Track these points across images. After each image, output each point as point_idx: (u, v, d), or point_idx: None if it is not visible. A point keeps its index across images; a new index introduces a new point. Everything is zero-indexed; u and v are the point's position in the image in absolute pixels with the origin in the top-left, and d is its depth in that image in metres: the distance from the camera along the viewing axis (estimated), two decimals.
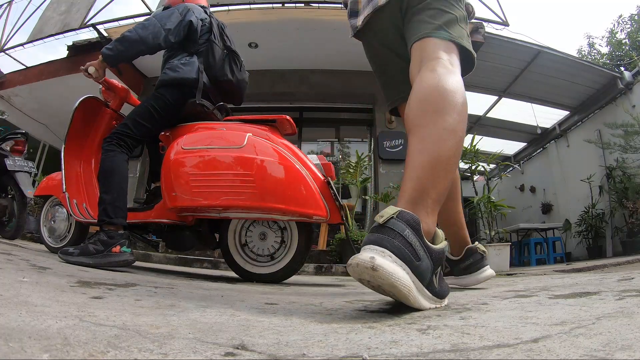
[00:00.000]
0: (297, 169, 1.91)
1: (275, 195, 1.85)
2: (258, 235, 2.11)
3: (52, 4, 6.52)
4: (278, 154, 1.93)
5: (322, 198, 1.90)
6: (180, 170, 1.93)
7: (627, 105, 6.13)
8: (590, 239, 6.55)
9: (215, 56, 2.19)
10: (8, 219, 3.39)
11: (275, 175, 1.88)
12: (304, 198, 1.87)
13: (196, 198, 1.89)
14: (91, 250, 1.73)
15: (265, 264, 2.11)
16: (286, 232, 2.11)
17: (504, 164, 7.50)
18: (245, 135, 1.95)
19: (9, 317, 0.63)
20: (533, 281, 1.97)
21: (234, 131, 2.03)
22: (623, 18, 13.19)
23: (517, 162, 9.89)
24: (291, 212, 1.88)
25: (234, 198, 1.86)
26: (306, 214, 1.89)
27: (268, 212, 1.91)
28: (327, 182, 1.96)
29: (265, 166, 1.88)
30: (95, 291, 1.04)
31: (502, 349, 0.57)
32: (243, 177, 1.86)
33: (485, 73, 6.58)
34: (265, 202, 1.85)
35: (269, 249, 2.10)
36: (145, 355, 0.53)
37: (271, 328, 0.74)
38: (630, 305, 0.87)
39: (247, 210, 1.92)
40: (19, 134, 3.56)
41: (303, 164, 1.96)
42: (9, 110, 6.87)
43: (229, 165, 1.90)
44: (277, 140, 2.03)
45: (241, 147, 1.90)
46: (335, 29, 5.60)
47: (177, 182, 1.92)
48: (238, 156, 1.89)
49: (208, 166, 1.92)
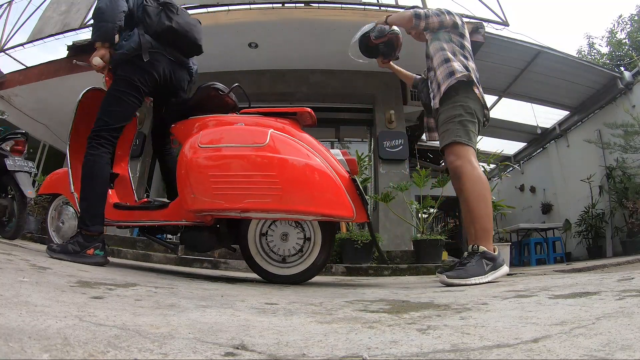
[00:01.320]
0: (322, 167, 1.81)
1: (301, 197, 1.75)
2: (280, 236, 2.02)
3: (52, 4, 6.52)
4: (301, 151, 1.83)
5: (348, 197, 1.82)
6: (199, 171, 1.81)
7: (627, 105, 6.13)
8: (590, 239, 6.55)
9: (151, 15, 2.12)
10: (8, 219, 3.39)
11: (300, 176, 1.78)
12: (330, 199, 1.79)
13: (217, 200, 1.78)
14: (69, 249, 1.88)
15: (288, 265, 2.03)
16: (309, 232, 2.02)
17: (504, 164, 7.47)
18: (267, 132, 1.83)
19: (9, 317, 0.63)
20: (533, 281, 1.96)
21: (255, 127, 1.92)
22: (623, 18, 13.20)
23: (517, 162, 9.89)
24: (316, 213, 1.80)
25: (257, 201, 1.76)
26: (331, 215, 1.81)
27: (293, 214, 1.83)
28: (353, 179, 1.88)
29: (290, 166, 1.77)
30: (95, 291, 1.04)
31: (502, 349, 0.57)
32: (267, 178, 1.75)
33: (485, 73, 6.57)
34: (290, 205, 1.75)
35: (291, 249, 2.02)
36: (145, 355, 0.53)
37: (271, 328, 0.74)
38: (630, 305, 0.87)
39: (271, 212, 1.84)
40: (19, 134, 3.56)
41: (327, 160, 1.87)
42: (9, 110, 6.87)
43: (251, 166, 1.78)
44: (298, 135, 1.94)
45: (263, 146, 1.79)
46: (335, 29, 5.60)
47: (196, 183, 1.81)
48: (261, 155, 1.78)
49: (229, 166, 1.81)
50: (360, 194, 1.88)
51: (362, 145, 7.10)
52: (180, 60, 2.27)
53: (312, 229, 2.03)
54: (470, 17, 5.61)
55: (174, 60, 2.22)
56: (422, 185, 4.57)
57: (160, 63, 2.13)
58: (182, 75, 2.31)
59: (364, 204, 1.89)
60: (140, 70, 2.07)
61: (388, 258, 4.45)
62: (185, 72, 2.33)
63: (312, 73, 6.58)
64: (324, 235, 2.00)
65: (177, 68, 2.25)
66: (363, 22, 2.63)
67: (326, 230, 2.01)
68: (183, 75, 2.32)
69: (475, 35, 5.57)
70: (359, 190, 1.88)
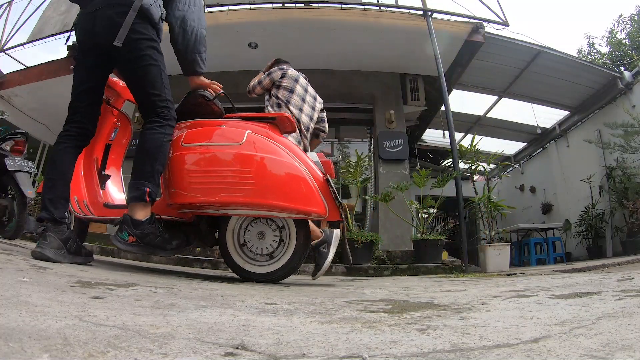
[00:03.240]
0: (296, 166, 1.91)
1: (274, 192, 1.86)
2: (256, 234, 2.08)
3: (52, 4, 6.51)
4: (277, 151, 1.93)
5: (321, 196, 1.91)
6: (180, 167, 1.92)
7: (627, 105, 6.13)
8: (590, 239, 6.55)
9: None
10: (8, 219, 3.38)
11: (274, 173, 1.89)
12: (302, 195, 1.88)
13: (195, 195, 1.88)
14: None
15: (264, 263, 2.07)
16: (284, 231, 2.08)
17: (504, 164, 7.48)
18: (244, 132, 1.95)
19: (9, 317, 0.63)
20: (533, 281, 1.97)
21: (234, 128, 2.02)
22: (623, 18, 13.19)
23: (517, 162, 9.89)
24: (290, 209, 1.89)
25: (232, 195, 1.86)
26: (304, 211, 1.89)
27: (267, 209, 1.90)
28: (327, 179, 1.96)
29: (264, 163, 1.89)
30: (95, 291, 1.04)
31: (502, 349, 0.57)
32: (242, 173, 1.86)
33: (485, 73, 6.58)
34: (263, 199, 1.85)
35: (267, 248, 2.07)
36: (145, 355, 0.53)
37: (271, 328, 0.74)
38: (630, 305, 0.87)
39: (246, 207, 1.91)
40: (19, 134, 3.56)
41: (302, 161, 1.96)
42: (9, 110, 6.87)
43: (227, 162, 1.90)
44: (276, 138, 2.02)
45: (240, 144, 1.91)
46: (335, 29, 5.60)
47: (176, 179, 1.91)
48: (237, 153, 1.90)
49: (207, 163, 1.92)
50: (333, 193, 1.96)
51: (362, 145, 7.09)
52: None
53: (287, 228, 2.08)
54: (470, 17, 5.61)
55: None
56: (422, 185, 4.57)
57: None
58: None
59: (337, 203, 1.97)
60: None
61: (388, 258, 4.46)
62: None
63: (312, 73, 6.55)
64: (299, 234, 2.06)
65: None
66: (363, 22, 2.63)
67: (301, 229, 2.06)
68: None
69: (475, 35, 5.57)
70: (332, 191, 1.96)
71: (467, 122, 8.27)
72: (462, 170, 5.52)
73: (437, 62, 5.06)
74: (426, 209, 4.98)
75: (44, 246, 1.63)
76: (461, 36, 5.60)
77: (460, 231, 4.58)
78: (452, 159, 4.83)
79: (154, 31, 1.87)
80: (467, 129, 8.51)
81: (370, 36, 5.70)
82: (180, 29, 1.96)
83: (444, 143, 8.67)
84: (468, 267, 4.10)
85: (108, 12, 1.77)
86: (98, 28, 1.79)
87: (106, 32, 1.76)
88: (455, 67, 6.20)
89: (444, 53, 5.43)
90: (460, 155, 4.98)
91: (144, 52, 1.80)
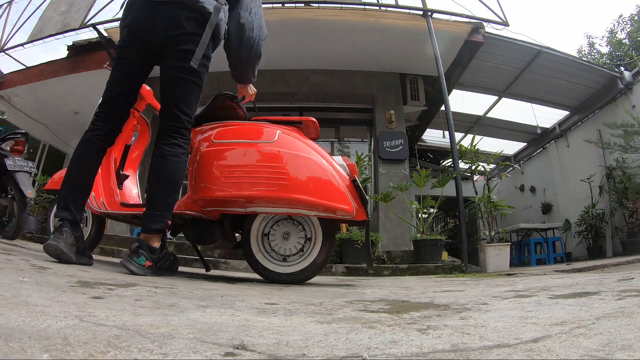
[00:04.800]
0: (326, 165, 1.98)
1: (306, 189, 1.90)
2: (281, 235, 2.12)
3: (52, 4, 6.51)
4: (307, 150, 2.00)
5: (349, 194, 1.97)
6: (211, 162, 1.96)
7: (627, 105, 6.13)
8: (590, 239, 6.55)
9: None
10: (8, 219, 3.39)
11: (306, 170, 1.94)
12: (332, 193, 1.93)
13: (227, 189, 1.91)
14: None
15: (289, 264, 2.10)
16: (309, 231, 2.12)
17: (504, 164, 7.49)
18: (276, 132, 2.01)
19: (9, 317, 0.63)
20: (533, 281, 1.97)
21: (265, 127, 2.08)
22: (623, 18, 13.20)
23: (517, 162, 9.89)
24: (320, 206, 1.92)
25: (264, 189, 1.90)
26: (334, 208, 1.93)
27: (297, 204, 1.92)
28: (353, 180, 2.01)
29: (296, 161, 1.94)
30: (95, 291, 1.04)
31: (502, 349, 0.57)
32: (275, 169, 1.91)
33: (485, 73, 6.58)
34: (295, 194, 1.88)
35: (292, 248, 2.10)
36: (145, 355, 0.53)
37: (271, 328, 0.74)
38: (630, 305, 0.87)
39: (276, 202, 1.94)
40: (19, 134, 3.56)
41: (329, 163, 2.02)
42: (9, 110, 6.87)
43: (260, 158, 1.94)
44: (303, 139, 2.09)
45: (272, 142, 1.97)
46: (335, 29, 5.59)
47: (207, 173, 1.94)
48: (270, 150, 1.95)
49: (239, 158, 1.96)
50: (360, 193, 2.01)
51: (362, 145, 7.10)
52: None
53: (313, 229, 2.12)
54: (470, 17, 5.61)
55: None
56: (422, 185, 4.57)
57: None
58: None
59: (364, 203, 2.01)
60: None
61: (388, 258, 4.46)
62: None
63: (312, 73, 6.58)
64: (325, 235, 2.09)
65: None
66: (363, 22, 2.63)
67: (326, 230, 2.10)
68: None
69: (475, 35, 5.57)
70: (359, 190, 2.00)
71: (467, 122, 8.27)
72: (462, 170, 5.52)
73: (437, 62, 5.06)
74: (426, 209, 4.98)
75: (59, 240, 1.60)
76: (461, 36, 5.60)
77: (460, 231, 4.58)
78: (452, 159, 4.83)
79: (212, 48, 1.81)
80: (467, 129, 8.51)
81: (370, 36, 5.70)
82: (238, 39, 1.90)
83: (444, 143, 8.67)
84: (468, 267, 4.10)
85: (176, 11, 1.67)
86: (159, 22, 1.67)
87: (166, 29, 1.66)
88: (455, 67, 6.20)
89: (444, 53, 5.43)
90: (460, 155, 4.98)
91: (196, 71, 1.72)
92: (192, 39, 1.69)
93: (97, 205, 2.29)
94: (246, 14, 1.89)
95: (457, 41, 5.67)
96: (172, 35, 1.68)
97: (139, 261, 1.69)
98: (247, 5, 1.90)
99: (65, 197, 1.70)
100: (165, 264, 1.77)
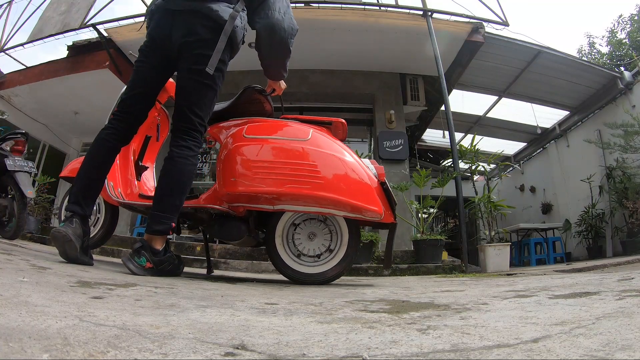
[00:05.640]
0: (358, 166, 2.00)
1: (338, 188, 1.91)
2: (307, 235, 2.12)
3: (52, 4, 6.51)
4: (340, 150, 2.02)
5: (378, 197, 1.99)
6: (243, 157, 1.95)
7: (627, 105, 6.13)
8: (590, 239, 6.55)
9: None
10: (8, 219, 3.39)
11: (338, 170, 1.95)
12: (364, 193, 1.94)
13: (259, 185, 1.90)
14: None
15: (314, 264, 2.10)
16: (336, 232, 2.12)
17: (504, 164, 7.49)
18: (309, 130, 2.02)
19: (9, 317, 0.63)
20: (533, 281, 1.97)
21: (297, 125, 2.08)
22: (623, 18, 13.21)
23: (517, 162, 9.89)
24: (350, 205, 1.92)
25: (297, 186, 1.89)
26: (364, 208, 1.93)
27: (329, 203, 1.92)
28: (382, 183, 2.03)
29: (329, 160, 1.95)
30: (95, 291, 1.04)
31: (502, 349, 0.57)
32: (308, 167, 1.91)
33: (485, 73, 6.58)
34: (328, 193, 1.89)
35: (318, 248, 2.10)
36: (145, 355, 0.53)
37: (271, 328, 0.74)
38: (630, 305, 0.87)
39: (308, 200, 1.93)
40: (19, 134, 3.56)
41: (360, 165, 2.03)
42: (9, 110, 6.86)
43: (294, 155, 1.94)
44: (335, 140, 2.10)
45: (306, 140, 1.97)
46: (335, 29, 5.59)
47: (239, 168, 1.94)
48: (304, 148, 1.95)
49: (273, 154, 1.95)
50: (389, 196, 2.04)
51: (362, 145, 7.09)
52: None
53: (339, 229, 2.13)
54: (470, 17, 5.60)
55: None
56: (422, 185, 4.57)
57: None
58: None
59: (392, 206, 2.05)
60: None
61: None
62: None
63: (312, 73, 6.58)
64: (351, 236, 2.11)
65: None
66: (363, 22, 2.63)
67: (352, 231, 2.11)
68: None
69: (475, 35, 5.57)
70: (388, 193, 2.04)
71: (467, 122, 8.27)
72: (462, 170, 5.52)
73: (437, 62, 5.06)
74: (426, 209, 4.98)
75: (68, 228, 1.62)
76: (461, 36, 5.60)
77: (460, 231, 4.58)
78: (452, 159, 4.83)
79: (229, 53, 1.83)
80: (467, 129, 8.52)
81: (370, 36, 5.70)
82: (269, 40, 1.90)
83: (444, 143, 8.67)
84: (468, 267, 4.10)
85: (192, 19, 1.72)
86: (176, 30, 1.73)
87: (182, 35, 1.72)
88: (455, 67, 6.20)
89: (444, 53, 5.42)
90: (460, 155, 4.98)
91: (211, 75, 1.75)
92: (207, 44, 1.73)
93: (114, 195, 2.26)
94: (275, 14, 1.88)
95: (457, 41, 5.67)
96: (187, 42, 1.73)
97: (139, 261, 1.68)
98: (274, 5, 1.90)
99: (77, 192, 1.75)
100: (168, 267, 1.76)
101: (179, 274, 1.89)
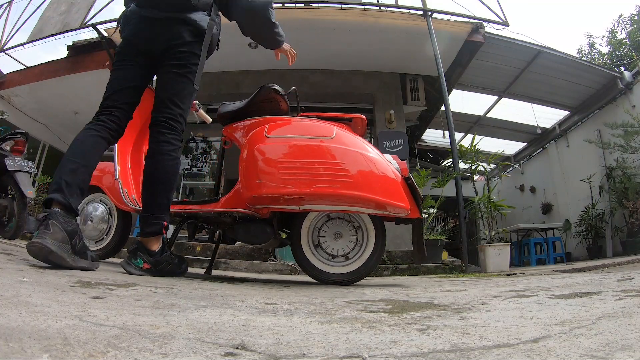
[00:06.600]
0: (383, 163, 1.97)
1: (366, 185, 1.88)
2: (333, 235, 2.08)
3: (52, 4, 6.51)
4: (365, 147, 1.99)
5: (404, 192, 1.98)
6: (267, 158, 1.91)
7: (627, 105, 6.13)
8: (590, 239, 6.55)
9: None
10: (8, 219, 3.39)
11: (365, 167, 1.92)
12: (392, 190, 1.92)
13: (286, 186, 1.86)
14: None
15: (341, 264, 2.07)
16: (361, 231, 2.09)
17: (504, 164, 7.50)
18: (333, 128, 1.99)
19: (9, 317, 0.63)
20: (533, 281, 1.97)
21: (319, 123, 2.05)
22: (623, 18, 13.20)
23: (517, 162, 9.89)
24: (378, 202, 1.90)
25: (327, 186, 1.86)
26: (392, 205, 1.91)
27: (358, 201, 1.90)
28: (406, 178, 2.01)
29: (356, 157, 1.92)
30: (95, 291, 1.04)
31: (502, 349, 0.57)
32: (336, 166, 1.88)
33: (485, 73, 6.58)
34: (358, 191, 1.86)
35: (344, 248, 2.07)
36: (145, 355, 0.53)
37: (271, 328, 0.74)
38: (630, 305, 0.87)
39: (338, 199, 1.90)
40: (19, 134, 3.56)
41: (384, 161, 2.01)
42: (9, 110, 6.87)
43: (322, 154, 1.91)
44: (357, 137, 2.07)
45: (331, 138, 1.94)
46: (335, 29, 5.59)
47: (264, 170, 1.89)
48: (330, 146, 1.92)
49: (298, 154, 1.91)
50: (413, 191, 2.02)
51: None
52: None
53: (365, 227, 2.10)
54: (470, 17, 5.61)
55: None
56: (422, 185, 4.57)
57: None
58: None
59: (417, 201, 2.03)
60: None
61: (388, 259, 4.46)
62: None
63: (312, 73, 6.58)
64: (377, 234, 2.08)
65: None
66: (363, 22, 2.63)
67: (379, 228, 2.09)
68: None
69: (475, 35, 5.57)
70: (413, 188, 2.02)
71: (467, 122, 8.27)
72: (462, 170, 5.51)
73: (437, 62, 5.06)
74: (426, 209, 4.98)
75: (44, 236, 1.31)
76: (461, 36, 5.60)
77: (460, 231, 4.58)
78: (452, 159, 4.83)
79: (206, 55, 1.86)
80: (467, 129, 8.51)
81: (370, 36, 5.70)
82: (250, 25, 1.93)
83: (444, 143, 8.67)
84: (468, 267, 4.10)
85: (173, 25, 1.75)
86: (159, 35, 1.75)
87: (166, 39, 1.75)
88: (455, 67, 6.20)
89: (444, 53, 5.42)
90: (460, 155, 4.98)
91: (191, 70, 1.78)
92: (190, 44, 1.78)
93: (130, 202, 2.21)
94: (243, 1, 1.87)
95: (457, 41, 5.67)
96: (173, 45, 1.76)
97: (136, 263, 1.68)
98: None
99: (59, 179, 1.49)
100: (167, 267, 1.75)
101: (180, 274, 1.87)
